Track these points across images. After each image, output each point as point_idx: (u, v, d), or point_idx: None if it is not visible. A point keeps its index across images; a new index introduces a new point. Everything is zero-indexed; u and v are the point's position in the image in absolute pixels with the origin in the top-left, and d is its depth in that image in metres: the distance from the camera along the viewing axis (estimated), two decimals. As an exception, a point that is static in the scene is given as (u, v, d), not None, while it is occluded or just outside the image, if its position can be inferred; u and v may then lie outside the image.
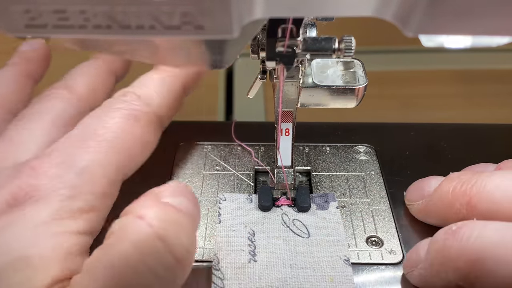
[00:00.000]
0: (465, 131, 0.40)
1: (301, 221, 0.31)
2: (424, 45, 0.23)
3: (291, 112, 0.32)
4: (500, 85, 0.56)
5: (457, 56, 0.60)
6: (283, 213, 0.32)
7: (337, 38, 0.26)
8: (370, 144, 0.38)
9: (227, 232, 0.30)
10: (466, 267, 0.23)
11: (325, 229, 0.31)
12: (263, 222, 0.31)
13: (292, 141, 0.33)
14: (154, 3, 0.16)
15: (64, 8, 0.16)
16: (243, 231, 0.31)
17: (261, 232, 0.30)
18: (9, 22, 0.17)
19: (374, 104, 0.53)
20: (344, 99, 0.31)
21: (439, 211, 0.29)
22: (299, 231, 0.30)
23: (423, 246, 0.26)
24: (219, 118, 0.51)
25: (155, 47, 0.22)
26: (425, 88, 0.56)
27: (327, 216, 0.32)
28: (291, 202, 0.33)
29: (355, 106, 0.31)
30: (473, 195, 0.26)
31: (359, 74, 0.31)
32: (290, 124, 0.32)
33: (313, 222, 0.31)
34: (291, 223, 0.31)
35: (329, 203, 0.32)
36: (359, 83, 0.31)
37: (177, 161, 0.37)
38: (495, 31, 0.17)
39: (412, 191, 0.32)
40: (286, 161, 0.33)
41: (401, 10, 0.17)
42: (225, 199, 0.32)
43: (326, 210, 0.32)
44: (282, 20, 0.24)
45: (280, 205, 0.32)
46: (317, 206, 0.32)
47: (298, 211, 0.32)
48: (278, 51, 0.25)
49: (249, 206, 0.32)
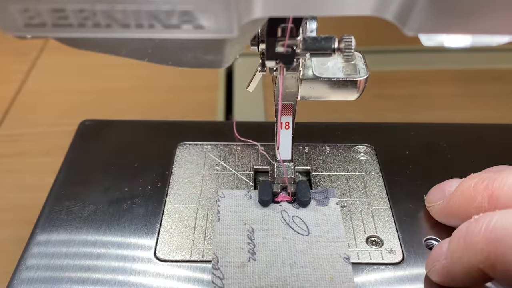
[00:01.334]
0: (465, 131, 0.40)
1: (301, 218, 0.31)
2: (424, 44, 0.23)
3: (291, 105, 0.31)
4: (500, 85, 0.56)
5: (457, 56, 0.60)
6: (282, 210, 0.32)
7: (336, 38, 0.25)
8: (370, 144, 0.38)
9: (226, 230, 0.30)
10: (487, 248, 0.23)
11: (325, 226, 0.31)
12: (263, 219, 0.31)
13: (292, 135, 0.32)
14: (154, 2, 0.16)
15: (63, 7, 0.16)
16: (242, 229, 0.30)
17: (260, 230, 0.30)
18: (8, 21, 0.17)
19: (374, 104, 0.53)
20: (345, 92, 0.30)
21: (460, 208, 0.29)
22: (299, 228, 0.30)
23: (445, 242, 0.27)
24: (219, 118, 0.51)
25: (154, 46, 0.22)
26: (425, 88, 0.56)
27: (327, 213, 0.32)
28: (291, 198, 0.32)
29: (356, 99, 0.31)
30: (495, 189, 0.26)
31: (360, 66, 0.31)
32: (290, 117, 0.32)
33: (312, 219, 0.31)
34: (291, 220, 0.31)
35: (329, 199, 0.32)
36: (360, 75, 0.30)
37: (176, 160, 0.37)
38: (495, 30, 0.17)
39: (433, 192, 0.32)
40: (286, 155, 0.33)
41: (401, 9, 0.17)
42: (224, 196, 0.32)
43: (326, 206, 0.32)
44: (281, 19, 0.24)
45: (280, 201, 0.32)
46: (317, 202, 0.32)
47: (298, 207, 0.32)
48: (277, 51, 0.25)
49: (248, 202, 0.32)
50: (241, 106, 0.53)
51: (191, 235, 0.31)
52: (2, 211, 0.41)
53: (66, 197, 0.34)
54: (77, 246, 0.30)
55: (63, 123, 0.51)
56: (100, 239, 0.31)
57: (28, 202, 0.42)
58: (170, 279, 0.29)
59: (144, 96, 0.55)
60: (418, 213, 0.32)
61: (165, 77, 0.58)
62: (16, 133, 0.50)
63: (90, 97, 0.55)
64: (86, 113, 0.44)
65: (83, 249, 0.30)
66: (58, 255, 0.30)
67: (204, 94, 0.55)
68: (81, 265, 0.29)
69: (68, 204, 0.33)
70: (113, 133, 0.40)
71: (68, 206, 0.33)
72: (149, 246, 0.30)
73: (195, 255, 0.30)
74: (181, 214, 0.33)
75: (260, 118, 0.51)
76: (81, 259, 0.30)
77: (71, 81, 0.58)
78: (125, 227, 0.32)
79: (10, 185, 0.44)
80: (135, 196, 0.34)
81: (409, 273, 0.29)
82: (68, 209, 0.33)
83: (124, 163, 0.36)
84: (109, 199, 0.33)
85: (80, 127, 0.40)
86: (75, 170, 0.36)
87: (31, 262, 0.29)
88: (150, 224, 0.32)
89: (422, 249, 0.30)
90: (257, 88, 0.55)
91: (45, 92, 0.56)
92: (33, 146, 0.48)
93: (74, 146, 0.38)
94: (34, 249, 0.30)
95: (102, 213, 0.32)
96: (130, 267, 0.29)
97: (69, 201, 0.33)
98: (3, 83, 0.58)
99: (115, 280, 0.28)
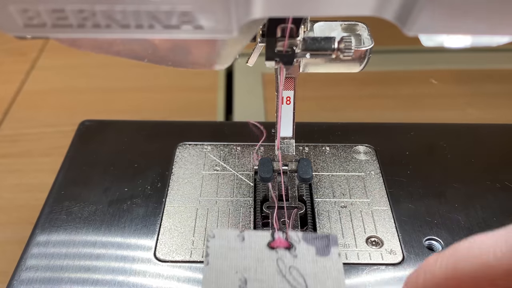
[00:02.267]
0: (465, 131, 0.40)
1: (299, 270, 0.28)
2: (424, 44, 0.23)
3: (293, 79, 0.30)
4: (500, 85, 0.56)
5: (457, 56, 0.60)
6: (278, 258, 0.28)
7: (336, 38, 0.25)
8: (370, 144, 0.38)
9: (216, 277, 0.27)
10: None
11: (325, 282, 0.27)
12: (257, 267, 0.28)
13: (293, 111, 0.31)
14: (153, 2, 0.16)
15: (62, 7, 0.16)
16: (234, 278, 0.27)
17: (254, 280, 0.27)
18: (8, 21, 0.17)
19: (374, 104, 0.53)
20: (348, 63, 0.29)
21: None
22: (296, 283, 0.27)
23: None
24: (219, 118, 0.51)
25: (154, 47, 0.22)
26: (425, 88, 0.56)
27: (328, 265, 0.28)
28: (288, 244, 0.29)
29: (360, 71, 0.29)
30: None
31: (364, 36, 0.29)
32: (291, 92, 0.31)
33: (311, 272, 0.28)
34: (288, 271, 0.28)
35: (331, 249, 0.29)
36: (364, 45, 0.28)
37: (176, 161, 0.37)
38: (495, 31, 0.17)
39: None
40: (287, 131, 0.32)
41: (401, 9, 0.17)
42: (214, 236, 0.29)
43: (327, 256, 0.29)
44: (281, 19, 0.24)
45: (276, 248, 0.29)
46: (317, 251, 0.29)
47: (296, 255, 0.28)
48: (277, 51, 0.25)
49: (241, 245, 0.28)
50: (241, 106, 0.53)
51: (191, 236, 0.31)
52: (2, 211, 0.41)
53: (66, 198, 0.34)
54: (77, 247, 0.30)
55: (63, 123, 0.51)
56: (100, 240, 0.31)
57: (28, 202, 0.42)
58: (170, 280, 0.29)
59: (144, 96, 0.55)
60: (418, 213, 0.32)
61: (165, 77, 0.58)
62: (16, 133, 0.50)
63: (90, 97, 0.55)
64: (86, 113, 0.45)
65: (83, 249, 0.30)
66: (58, 255, 0.30)
67: (204, 94, 0.55)
68: (81, 266, 0.29)
69: (68, 204, 0.33)
70: (113, 133, 0.40)
71: (68, 206, 0.33)
72: (149, 246, 0.30)
73: (195, 255, 0.30)
74: (181, 214, 0.33)
75: (260, 118, 0.51)
76: (81, 259, 0.30)
77: (71, 81, 0.58)
78: (125, 228, 0.32)
79: (10, 185, 0.44)
80: (135, 196, 0.34)
81: (409, 273, 0.29)
82: (68, 209, 0.33)
83: (124, 163, 0.36)
84: (109, 200, 0.33)
85: (80, 127, 0.40)
86: (75, 170, 0.36)
87: (31, 262, 0.29)
88: (150, 225, 0.32)
89: (422, 250, 0.30)
90: (257, 88, 0.56)
91: (45, 92, 0.56)
92: (33, 146, 0.48)
93: (74, 146, 0.38)
94: (34, 250, 0.30)
95: (102, 213, 0.32)
96: (130, 267, 0.29)
97: (69, 201, 0.33)
98: (3, 83, 0.58)
99: (115, 281, 0.28)
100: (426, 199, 0.33)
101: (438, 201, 0.33)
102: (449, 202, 0.33)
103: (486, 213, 0.32)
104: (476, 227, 0.31)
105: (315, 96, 0.54)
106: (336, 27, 0.29)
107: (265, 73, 0.58)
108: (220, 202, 0.33)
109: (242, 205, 0.33)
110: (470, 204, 0.33)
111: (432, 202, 0.33)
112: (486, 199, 0.33)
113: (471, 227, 0.31)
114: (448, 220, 0.32)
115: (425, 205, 0.33)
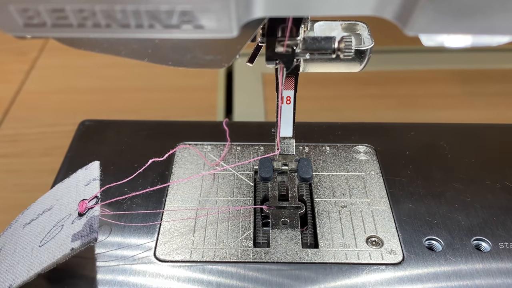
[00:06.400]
0: (465, 131, 0.40)
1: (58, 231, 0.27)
2: (424, 44, 0.23)
3: (293, 78, 0.30)
4: (500, 85, 0.56)
5: (457, 56, 0.60)
6: (69, 214, 0.27)
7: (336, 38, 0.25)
8: (370, 144, 0.38)
9: None
10: None
11: (54, 251, 0.26)
12: None
13: (294, 110, 0.31)
14: (154, 2, 0.16)
15: (62, 7, 0.16)
16: None
17: None
18: (8, 21, 0.17)
19: (374, 104, 0.53)
20: (348, 63, 0.28)
21: None
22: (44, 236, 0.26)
23: None
24: (219, 118, 0.51)
25: (154, 46, 0.22)
26: (425, 88, 0.56)
27: (63, 244, 0.27)
28: (82, 211, 0.28)
29: (360, 71, 0.29)
30: None
31: (364, 36, 0.29)
32: (291, 92, 0.31)
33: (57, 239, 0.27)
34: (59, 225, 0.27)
35: (79, 241, 0.27)
36: (364, 45, 0.28)
37: (176, 161, 0.37)
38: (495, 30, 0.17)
39: None
40: (288, 131, 0.32)
41: (401, 9, 0.17)
42: None
43: (73, 242, 0.27)
44: (281, 19, 0.24)
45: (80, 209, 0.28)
46: (73, 237, 0.27)
47: None
48: (277, 51, 0.25)
49: None
50: (241, 106, 0.53)
51: (191, 236, 0.31)
52: (2, 211, 0.41)
53: (66, 197, 0.34)
54: (77, 246, 0.30)
55: (63, 123, 0.51)
56: (100, 239, 0.31)
57: (28, 202, 0.42)
58: (170, 280, 0.29)
59: (144, 96, 0.55)
60: (418, 213, 0.32)
61: (165, 77, 0.58)
62: (16, 133, 0.50)
63: (90, 97, 0.55)
64: (86, 113, 0.44)
65: (83, 249, 0.30)
66: (58, 255, 0.30)
67: (204, 94, 0.55)
68: (81, 265, 0.29)
69: (68, 204, 0.33)
70: (113, 133, 0.40)
71: (68, 206, 0.33)
72: (149, 246, 0.30)
73: (195, 255, 0.30)
74: (181, 214, 0.33)
75: (260, 118, 0.51)
76: (81, 259, 0.30)
77: (71, 81, 0.58)
78: (125, 227, 0.32)
79: (10, 185, 0.44)
80: (135, 196, 0.34)
81: (410, 273, 0.29)
82: (68, 209, 0.33)
83: (124, 163, 0.36)
84: (109, 199, 0.33)
85: (80, 127, 0.40)
86: (75, 170, 0.36)
87: (31, 262, 0.29)
88: (150, 225, 0.32)
89: (422, 249, 0.30)
90: (257, 88, 0.56)
91: (45, 92, 0.56)
92: (33, 146, 0.48)
93: (74, 146, 0.38)
94: (34, 249, 0.30)
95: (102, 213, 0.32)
96: (130, 267, 0.29)
97: (69, 201, 0.33)
98: (3, 83, 0.58)
99: (115, 281, 0.28)
100: (426, 199, 0.33)
101: (438, 201, 0.33)
102: (449, 202, 0.33)
103: (486, 213, 0.32)
104: (476, 227, 0.31)
105: (315, 96, 0.54)
106: (336, 26, 0.29)
107: (265, 73, 0.58)
108: (220, 202, 0.33)
109: (242, 205, 0.33)
110: (470, 204, 0.33)
111: (432, 202, 0.33)
112: (486, 199, 0.33)
113: (471, 227, 0.31)
114: (448, 220, 0.32)
115: (425, 205, 0.33)
